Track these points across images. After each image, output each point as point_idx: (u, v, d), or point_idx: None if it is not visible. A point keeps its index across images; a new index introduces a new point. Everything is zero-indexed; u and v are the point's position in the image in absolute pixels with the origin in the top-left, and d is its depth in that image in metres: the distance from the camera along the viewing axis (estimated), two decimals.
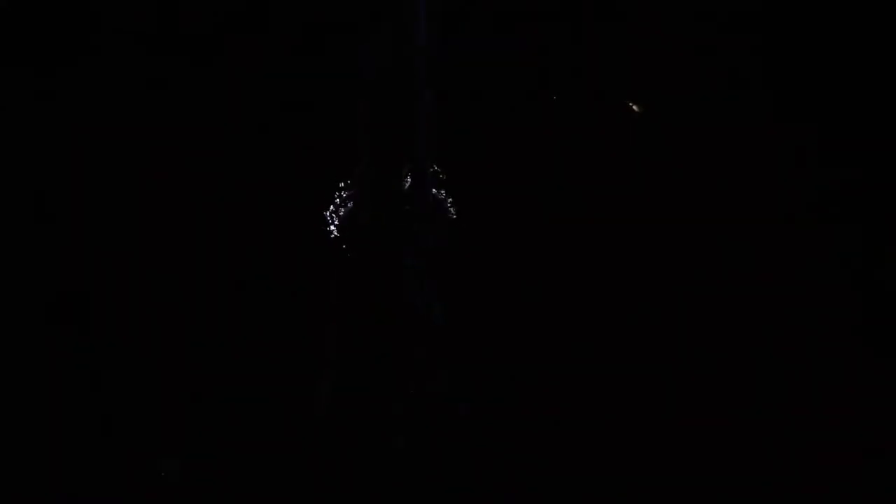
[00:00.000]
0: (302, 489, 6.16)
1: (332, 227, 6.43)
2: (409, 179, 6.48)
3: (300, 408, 6.57)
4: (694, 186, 7.51)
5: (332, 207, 6.44)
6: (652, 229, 7.53)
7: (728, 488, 6.13)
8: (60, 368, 7.23)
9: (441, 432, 6.61)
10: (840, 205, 7.45)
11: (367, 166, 6.42)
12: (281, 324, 7.14)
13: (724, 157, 7.54)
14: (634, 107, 7.27)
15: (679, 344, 7.37)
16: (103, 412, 6.96)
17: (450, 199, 6.51)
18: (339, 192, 6.50)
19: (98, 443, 6.61)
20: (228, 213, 7.45)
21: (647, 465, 6.42)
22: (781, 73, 7.50)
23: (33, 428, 6.77)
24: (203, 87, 7.48)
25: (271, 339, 7.13)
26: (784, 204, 7.44)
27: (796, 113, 7.47)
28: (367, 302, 6.40)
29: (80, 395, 7.10)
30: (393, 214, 6.46)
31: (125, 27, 7.42)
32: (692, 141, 7.52)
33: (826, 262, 7.38)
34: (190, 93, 7.48)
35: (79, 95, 7.45)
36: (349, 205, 6.48)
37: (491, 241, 6.85)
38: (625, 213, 7.54)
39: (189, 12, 7.46)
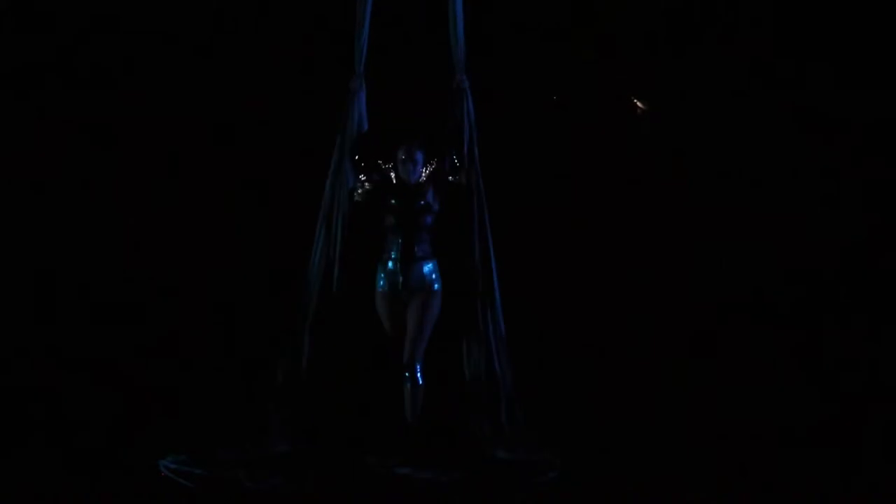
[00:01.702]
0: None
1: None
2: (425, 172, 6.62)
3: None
4: (697, 190, 7.52)
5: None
6: (653, 231, 7.53)
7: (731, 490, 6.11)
8: (61, 368, 7.26)
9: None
10: (846, 208, 7.46)
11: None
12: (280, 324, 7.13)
13: (730, 159, 7.54)
14: (640, 104, 7.27)
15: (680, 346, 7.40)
16: (104, 411, 6.98)
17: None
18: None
19: (99, 443, 6.62)
20: (229, 212, 7.46)
21: (648, 467, 6.41)
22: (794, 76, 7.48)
23: (34, 429, 6.79)
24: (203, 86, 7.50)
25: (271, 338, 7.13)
26: (790, 209, 7.45)
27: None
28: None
29: (80, 394, 7.13)
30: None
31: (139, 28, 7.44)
32: (697, 142, 7.52)
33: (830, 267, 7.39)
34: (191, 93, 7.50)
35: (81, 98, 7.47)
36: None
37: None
38: (627, 214, 7.54)
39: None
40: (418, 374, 6.51)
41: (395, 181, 6.65)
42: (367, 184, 6.62)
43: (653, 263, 7.49)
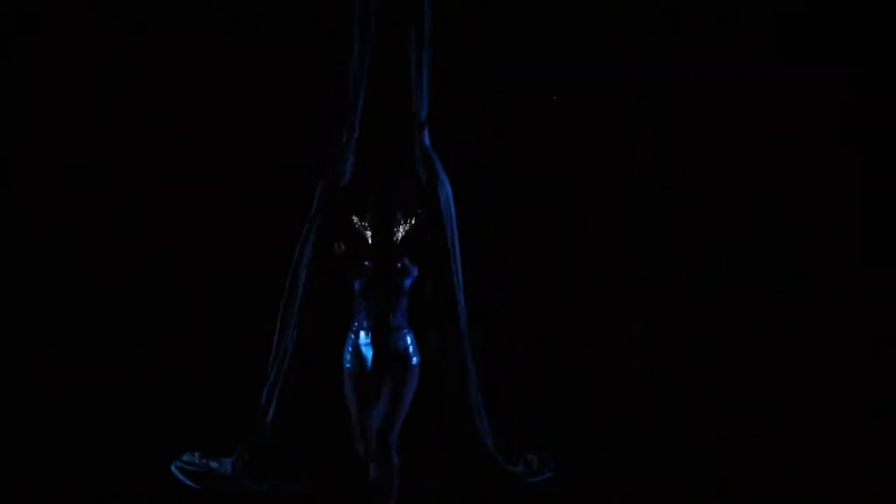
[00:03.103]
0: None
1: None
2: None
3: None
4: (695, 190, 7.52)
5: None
6: (654, 230, 7.54)
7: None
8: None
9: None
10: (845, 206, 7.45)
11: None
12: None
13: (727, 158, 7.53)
14: None
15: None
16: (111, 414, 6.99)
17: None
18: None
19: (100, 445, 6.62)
20: (226, 214, 7.44)
21: (648, 467, 6.42)
22: None
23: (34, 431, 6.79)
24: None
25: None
26: (788, 208, 7.45)
27: None
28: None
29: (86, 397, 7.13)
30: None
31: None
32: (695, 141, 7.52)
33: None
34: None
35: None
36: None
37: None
38: (626, 213, 7.55)
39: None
40: (394, 455, 5.71)
41: (370, 241, 5.91)
42: (342, 245, 5.90)
43: (652, 263, 7.49)
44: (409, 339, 5.77)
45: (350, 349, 5.80)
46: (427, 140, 5.85)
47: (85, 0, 7.31)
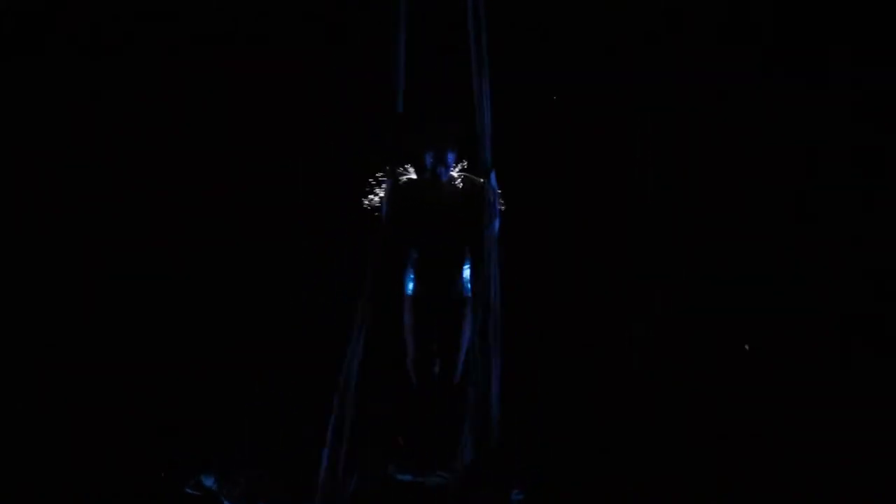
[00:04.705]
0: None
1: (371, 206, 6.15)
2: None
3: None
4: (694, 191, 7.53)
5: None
6: (654, 231, 7.54)
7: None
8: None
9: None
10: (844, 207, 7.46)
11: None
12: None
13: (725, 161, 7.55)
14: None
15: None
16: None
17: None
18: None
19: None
20: (232, 215, 7.45)
21: (648, 467, 6.42)
22: None
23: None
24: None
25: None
26: (787, 209, 7.46)
27: None
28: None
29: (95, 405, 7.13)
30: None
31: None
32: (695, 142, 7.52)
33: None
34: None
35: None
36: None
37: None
38: (626, 213, 7.56)
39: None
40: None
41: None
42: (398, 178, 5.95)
43: (652, 263, 7.50)
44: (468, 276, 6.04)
45: (411, 278, 6.06)
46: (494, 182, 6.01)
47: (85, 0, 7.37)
